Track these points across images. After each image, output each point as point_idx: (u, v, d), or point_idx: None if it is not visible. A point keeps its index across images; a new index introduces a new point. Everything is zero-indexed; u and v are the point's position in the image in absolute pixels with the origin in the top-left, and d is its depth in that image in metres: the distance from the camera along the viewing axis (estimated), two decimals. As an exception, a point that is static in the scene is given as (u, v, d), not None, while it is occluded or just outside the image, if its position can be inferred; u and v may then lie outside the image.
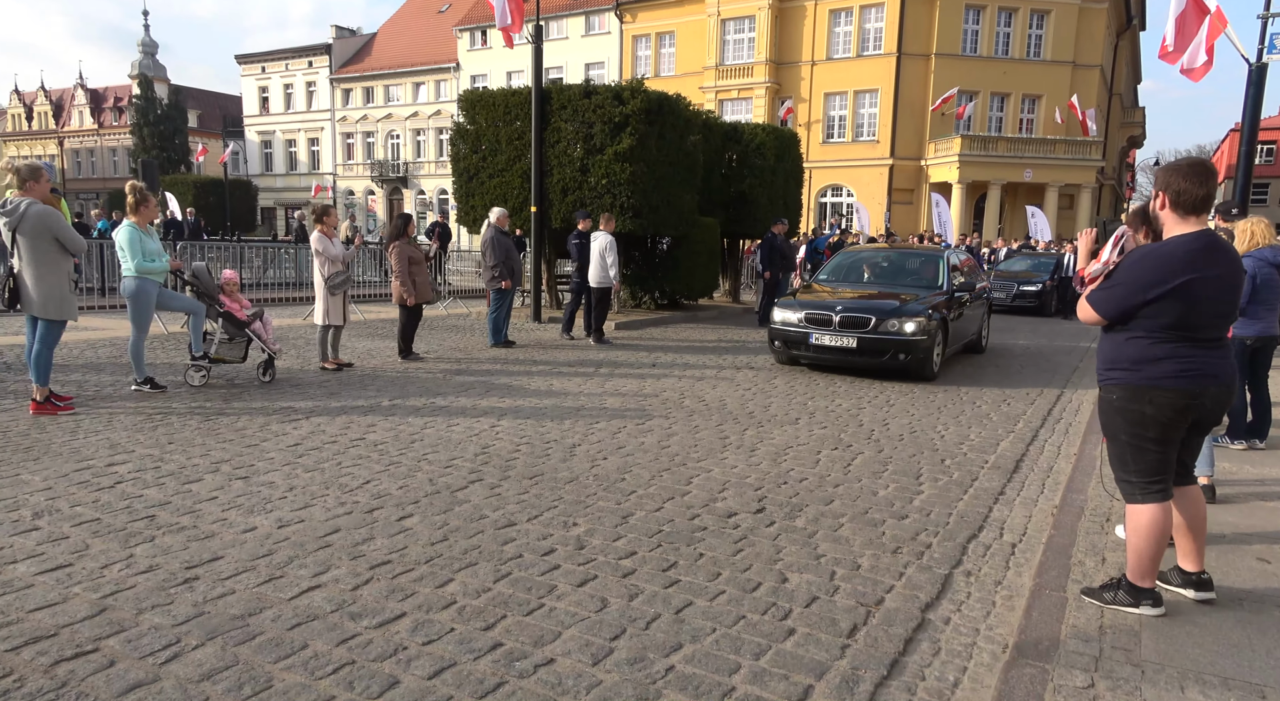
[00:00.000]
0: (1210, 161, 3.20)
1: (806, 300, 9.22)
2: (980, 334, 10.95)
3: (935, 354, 8.67)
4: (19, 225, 5.74)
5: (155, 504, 4.19)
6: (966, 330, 10.05)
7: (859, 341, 8.49)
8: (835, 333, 8.62)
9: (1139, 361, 3.15)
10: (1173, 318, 3.04)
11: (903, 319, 8.43)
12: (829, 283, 10.26)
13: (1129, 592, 3.20)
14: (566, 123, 13.18)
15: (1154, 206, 3.20)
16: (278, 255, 17.95)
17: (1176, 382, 3.07)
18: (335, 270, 8.37)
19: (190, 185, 37.74)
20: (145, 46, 55.07)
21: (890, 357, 8.43)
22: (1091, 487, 4.92)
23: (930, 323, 8.48)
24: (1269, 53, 8.92)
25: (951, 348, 9.44)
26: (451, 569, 3.55)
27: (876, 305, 8.71)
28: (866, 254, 11.21)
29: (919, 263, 10.40)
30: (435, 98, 47.48)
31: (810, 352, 8.85)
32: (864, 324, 8.52)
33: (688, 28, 38.08)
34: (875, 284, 10.03)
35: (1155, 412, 3.11)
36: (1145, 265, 3.11)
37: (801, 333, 8.83)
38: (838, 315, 8.64)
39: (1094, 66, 34.49)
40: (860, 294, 9.40)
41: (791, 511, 4.46)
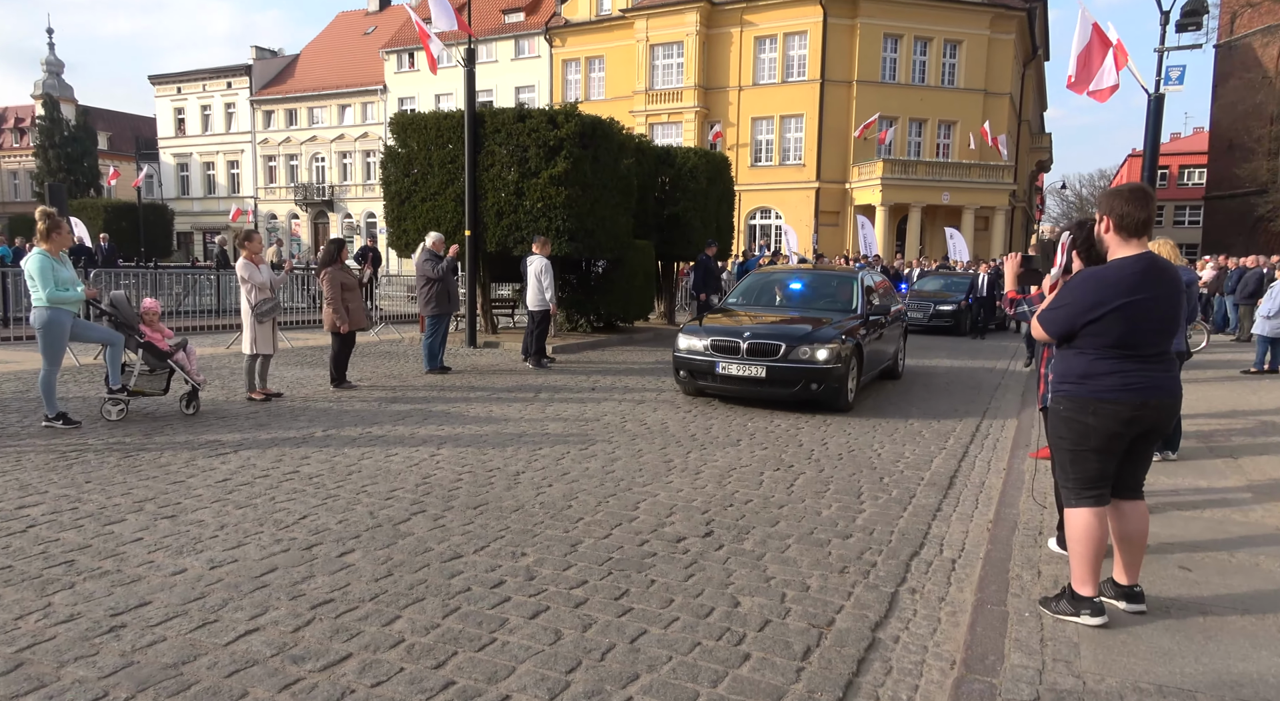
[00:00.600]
0: (1149, 187, 3.39)
1: (713, 326, 8.62)
2: (897, 358, 10.54)
3: (850, 383, 8.20)
4: None
5: (74, 547, 3.96)
6: (883, 355, 9.64)
7: (768, 370, 7.92)
8: (743, 361, 8.03)
9: (1084, 376, 3.32)
10: (1114, 336, 3.21)
11: (814, 345, 7.88)
12: (739, 306, 9.72)
13: (1070, 601, 3.32)
14: (500, 146, 13.13)
15: (1098, 230, 3.36)
16: (198, 282, 17.28)
17: (1119, 395, 3.23)
18: (262, 297, 8.11)
19: (101, 210, 36.02)
20: (50, 65, 52.77)
21: (802, 388, 7.87)
22: (1022, 502, 5.10)
23: (844, 349, 8.00)
24: (1166, 84, 9.55)
25: (867, 374, 8.98)
26: (398, 605, 3.44)
27: (787, 331, 8.22)
28: (779, 276, 10.65)
29: (833, 285, 9.94)
30: (362, 120, 46.76)
31: (717, 383, 8.27)
32: (773, 351, 7.95)
33: (617, 53, 38.53)
34: (788, 308, 9.56)
35: (1098, 423, 3.27)
36: (1087, 287, 3.28)
37: (708, 361, 8.23)
38: (745, 342, 8.08)
39: (1004, 94, 36.24)
40: (771, 319, 8.88)
41: (739, 534, 4.48)
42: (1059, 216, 73.25)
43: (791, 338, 8.03)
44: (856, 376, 8.43)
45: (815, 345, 7.91)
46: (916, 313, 17.53)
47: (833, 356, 7.88)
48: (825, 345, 7.91)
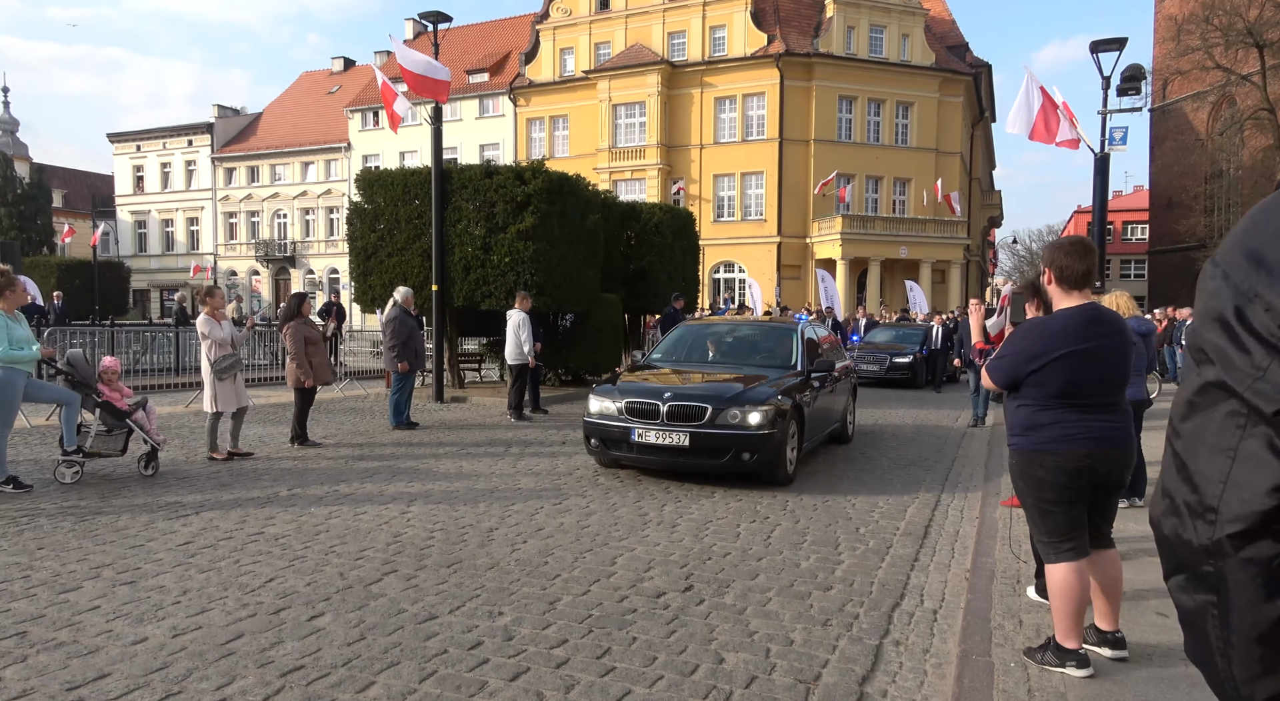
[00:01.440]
0: (1089, 240, 3.51)
1: (630, 385, 7.42)
2: (845, 419, 9.44)
3: (789, 451, 7.06)
4: None
5: (26, 618, 3.76)
6: (829, 418, 8.61)
7: (692, 438, 6.71)
8: (663, 428, 6.81)
9: (1028, 428, 3.37)
10: (1057, 386, 3.26)
11: (745, 407, 6.74)
12: (664, 362, 8.50)
13: (1055, 653, 3.32)
14: (467, 202, 13.23)
15: (1043, 281, 3.47)
16: (155, 339, 16.92)
17: (1060, 446, 3.26)
18: (223, 353, 7.96)
19: (55, 268, 35.34)
20: (4, 124, 52.39)
21: (732, 458, 6.69)
22: (998, 550, 5.12)
23: (781, 411, 6.87)
24: (1110, 145, 10.01)
25: (811, 441, 7.84)
26: (372, 670, 3.32)
27: (714, 390, 7.08)
28: (711, 328, 9.40)
29: (771, 338, 8.83)
30: (325, 176, 46.83)
31: (633, 453, 6.99)
32: (698, 415, 6.77)
33: (580, 111, 39.33)
34: (720, 364, 8.37)
35: (1047, 476, 3.29)
36: (1030, 337, 3.35)
37: (622, 427, 6.98)
38: (665, 404, 6.87)
39: (954, 153, 37.64)
40: (699, 377, 7.78)
41: (719, 588, 4.43)
42: (1011, 270, 75.48)
43: (719, 399, 6.86)
44: (797, 443, 7.29)
45: (747, 407, 6.75)
46: (872, 365, 17.34)
47: (767, 420, 6.71)
48: (759, 407, 6.75)
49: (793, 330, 8.74)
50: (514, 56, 42.57)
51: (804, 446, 7.56)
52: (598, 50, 39.11)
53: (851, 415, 9.82)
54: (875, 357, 17.70)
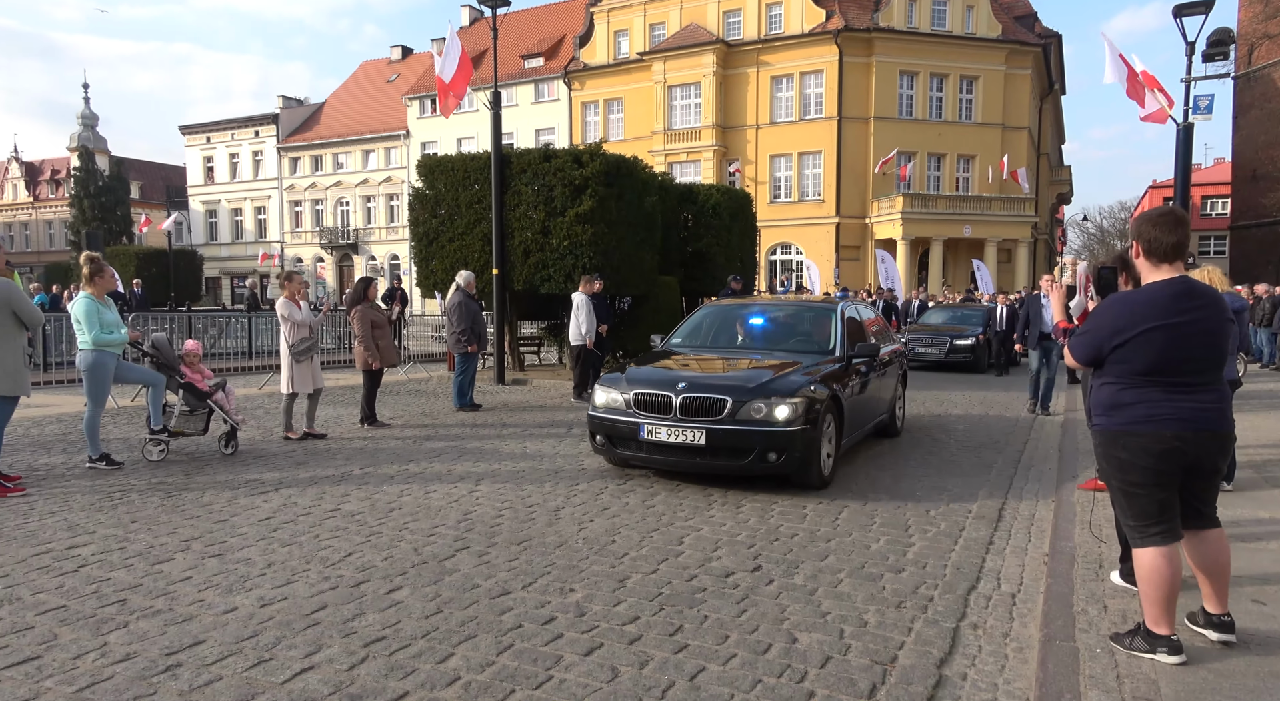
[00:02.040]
0: (1180, 210, 3.35)
1: (640, 373, 6.56)
2: (894, 411, 8.50)
3: (824, 449, 6.16)
4: None
5: (125, 587, 3.95)
6: (873, 409, 7.65)
7: (709, 435, 5.85)
8: (675, 424, 5.96)
9: (1111, 407, 3.24)
10: (1144, 363, 3.12)
11: (772, 400, 5.86)
12: (685, 348, 7.60)
13: (1145, 639, 3.20)
14: (526, 186, 13.31)
15: (1131, 255, 3.32)
16: (231, 324, 17.53)
17: (1145, 427, 3.12)
18: (301, 335, 8.20)
19: (133, 256, 36.87)
20: (85, 119, 54.45)
21: (756, 459, 5.82)
22: (1078, 535, 4.97)
23: (813, 404, 5.96)
24: (1195, 113, 9.54)
25: (852, 436, 6.94)
26: (450, 642, 3.39)
27: (736, 380, 6.18)
28: (739, 309, 8.29)
29: (806, 320, 7.85)
30: (385, 164, 47.70)
31: (642, 452, 6.17)
32: (716, 409, 5.89)
33: (635, 94, 39.18)
34: (747, 349, 7.48)
35: (1131, 458, 3.17)
36: (1113, 311, 3.21)
37: (630, 423, 6.15)
38: (679, 397, 6.01)
39: (1022, 128, 36.38)
40: (720, 365, 6.90)
41: (789, 568, 4.40)
42: (1080, 248, 72.92)
43: (741, 390, 5.98)
44: (835, 440, 6.41)
45: (774, 399, 5.87)
46: (931, 348, 16.69)
47: (798, 414, 5.83)
48: (788, 399, 5.87)
49: (831, 310, 7.66)
50: (568, 40, 42.58)
51: (844, 443, 6.66)
52: (652, 31, 38.84)
53: (901, 405, 8.87)
54: (935, 340, 16.94)
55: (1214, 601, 3.30)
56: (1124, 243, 71.69)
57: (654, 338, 8.02)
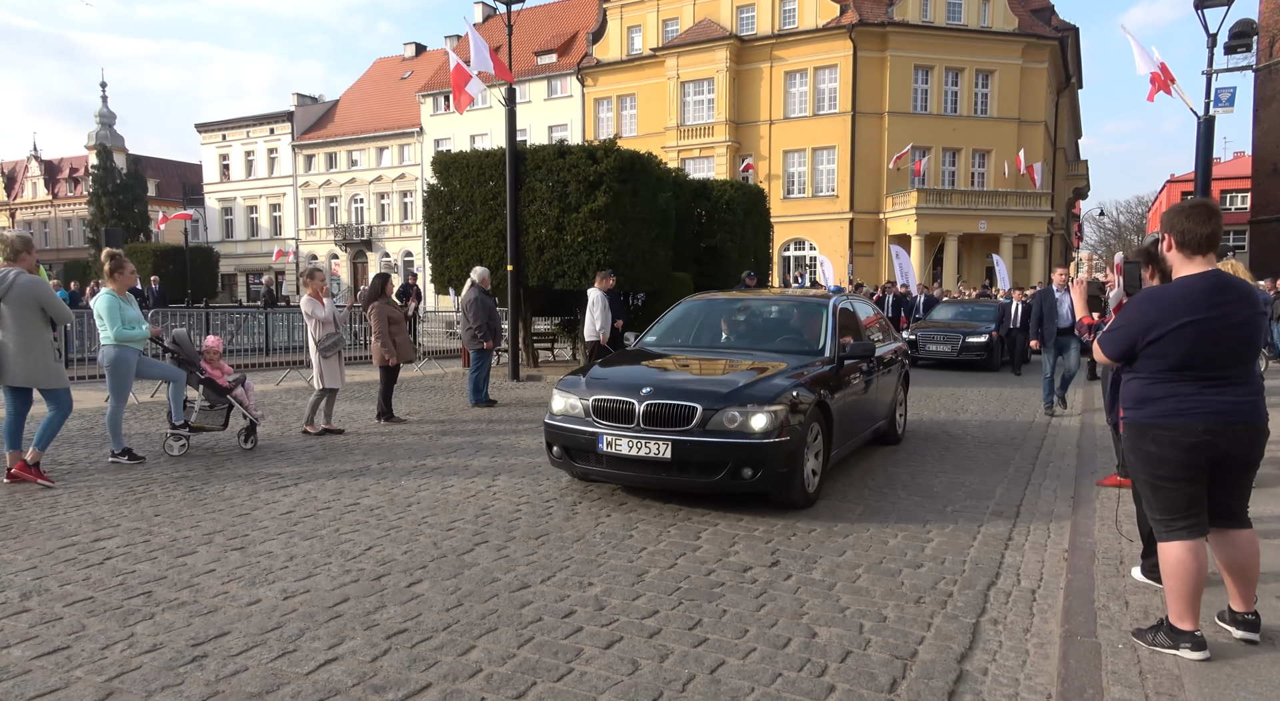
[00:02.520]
0: (1213, 202, 3.32)
1: (603, 376, 5.90)
2: (894, 416, 7.81)
3: (808, 464, 5.47)
4: (6, 294, 5.64)
5: (150, 579, 4.00)
6: (869, 416, 6.98)
7: (675, 448, 5.14)
8: (638, 434, 5.25)
9: (1141, 400, 3.23)
10: (1176, 358, 3.10)
11: (748, 407, 5.18)
12: (660, 346, 6.90)
13: (1168, 634, 3.18)
14: (541, 182, 13.35)
15: (1161, 248, 3.29)
16: (247, 321, 17.68)
17: (1176, 420, 3.11)
18: (326, 331, 8.26)
19: (150, 254, 37.21)
20: (103, 117, 54.96)
21: (729, 475, 5.11)
22: (1098, 530, 4.95)
23: (796, 412, 5.29)
24: (1216, 106, 9.43)
25: (843, 447, 6.30)
26: (471, 635, 3.42)
27: (708, 385, 5.52)
28: (721, 304, 7.54)
29: (794, 316, 7.21)
30: (399, 161, 47.88)
31: (601, 466, 5.45)
32: (684, 417, 5.21)
33: (648, 90, 39.13)
34: (727, 348, 6.78)
35: (1160, 451, 3.15)
36: (1146, 307, 3.19)
37: (588, 434, 5.43)
38: (643, 403, 5.30)
39: (1038, 122, 36.09)
40: (695, 366, 6.25)
41: (806, 564, 4.40)
42: (1097, 243, 72.32)
43: (713, 396, 5.30)
44: (823, 452, 5.76)
45: (750, 406, 5.19)
46: (943, 346, 16.15)
47: (777, 424, 5.15)
48: (766, 406, 5.19)
49: (823, 306, 6.94)
50: (581, 36, 42.57)
51: (833, 455, 6.01)
52: (665, 27, 38.77)
53: (902, 410, 8.18)
54: (947, 337, 16.36)
55: (1239, 599, 3.28)
56: (1140, 238, 70.59)
57: (628, 336, 7.61)
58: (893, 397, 7.77)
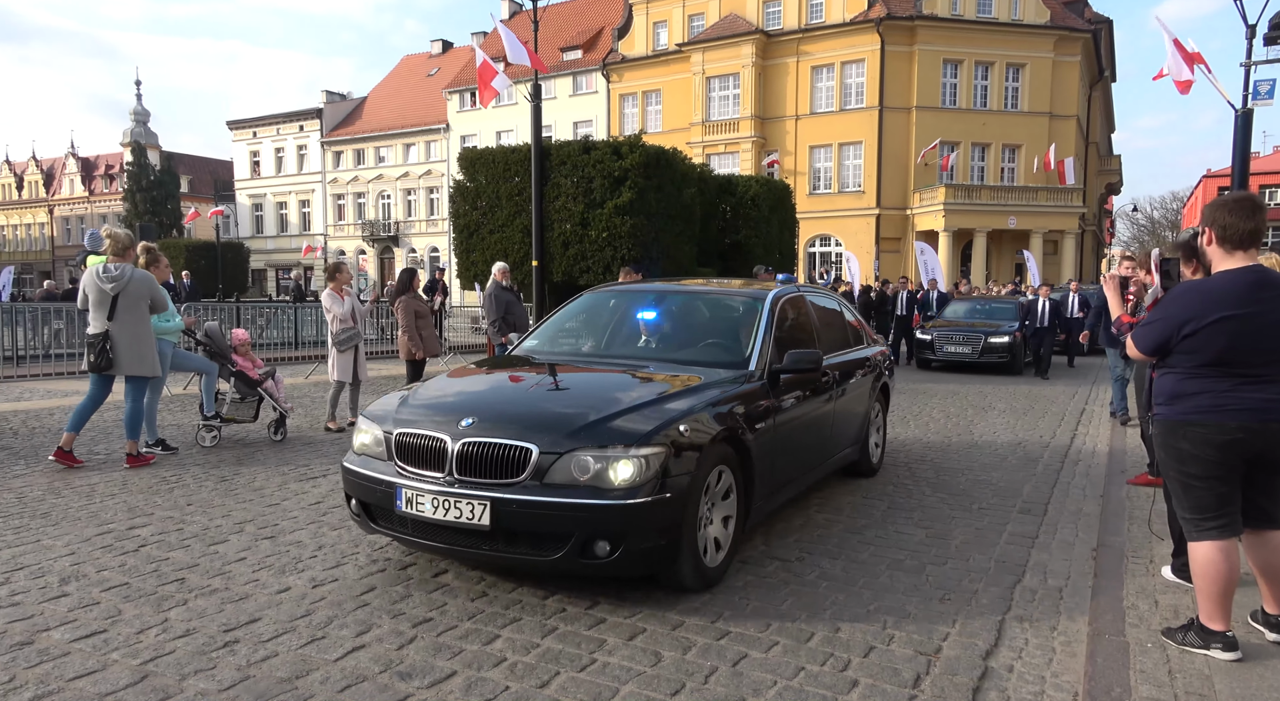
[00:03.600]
0: (1257, 196, 3.26)
1: (423, 397, 4.24)
2: (865, 442, 6.09)
3: (707, 532, 3.87)
4: (125, 288, 6.00)
5: (183, 566, 4.09)
6: (824, 445, 5.31)
7: (496, 511, 3.52)
8: (446, 490, 3.62)
9: (1174, 396, 3.18)
10: (1211, 354, 3.04)
11: (608, 451, 3.56)
12: (541, 352, 5.22)
13: (1199, 634, 3.15)
14: (566, 178, 13.40)
15: (1201, 242, 3.22)
16: (277, 315, 17.93)
17: (1210, 417, 3.05)
18: (343, 326, 8.35)
19: (182, 249, 37.86)
20: (138, 115, 55.91)
21: (573, 551, 3.50)
22: (1128, 529, 4.89)
23: (685, 455, 3.68)
24: (1254, 99, 9.24)
25: (778, 494, 4.64)
26: (496, 625, 3.46)
27: (553, 414, 3.85)
28: (629, 297, 5.72)
29: (719, 315, 5.46)
30: (426, 158, 48.22)
31: (404, 530, 3.82)
32: (515, 463, 3.59)
33: (673, 86, 39.06)
34: (623, 357, 4.98)
35: (1192, 448, 3.11)
36: (1183, 301, 3.14)
37: (384, 485, 3.81)
38: (457, 441, 3.68)
39: (1070, 116, 35.53)
40: (556, 383, 4.48)
41: (830, 559, 4.39)
42: (1129, 240, 71.07)
43: (556, 430, 3.65)
44: (738, 511, 4.07)
45: (609, 448, 3.55)
46: (962, 347, 15.06)
47: (649, 475, 3.53)
48: (634, 448, 3.55)
49: (757, 303, 5.11)
50: (607, 32, 42.58)
51: (754, 511, 4.27)
52: (691, 22, 38.67)
53: (879, 431, 6.52)
54: (967, 337, 15.21)
55: (1273, 602, 3.23)
56: (1175, 234, 69.25)
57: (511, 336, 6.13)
58: (863, 418, 6.04)
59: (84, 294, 6.08)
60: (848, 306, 6.76)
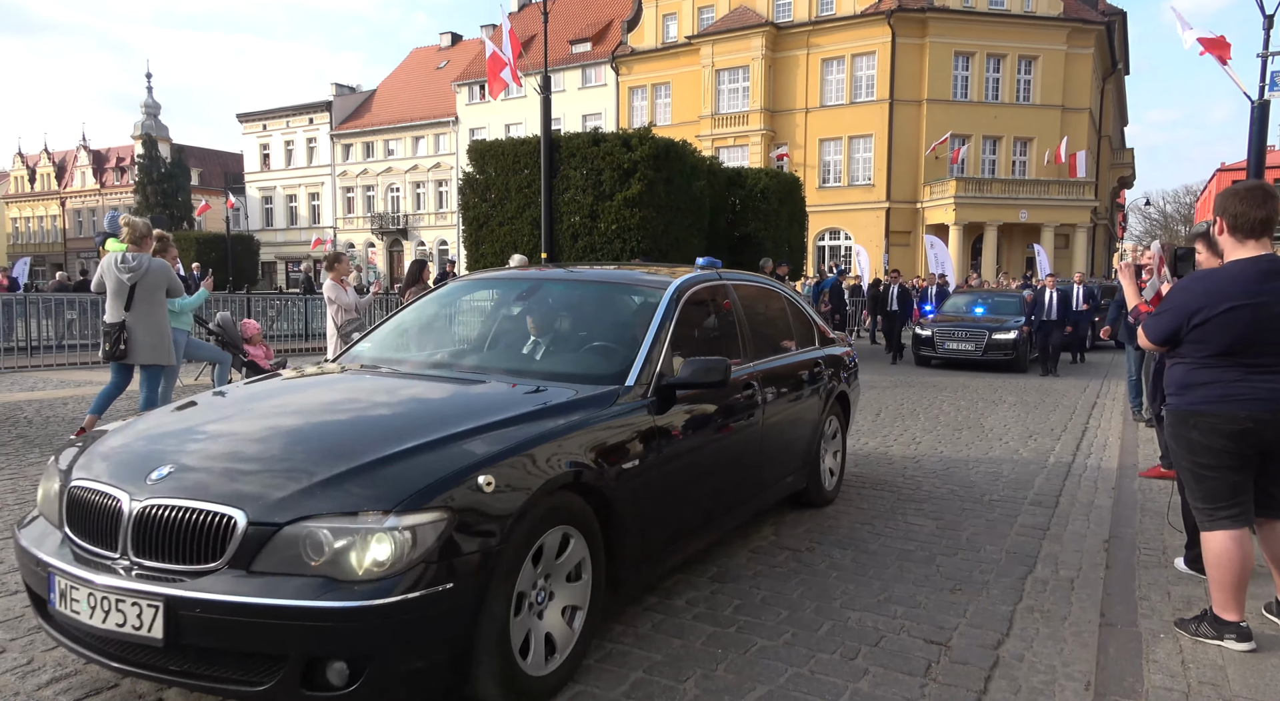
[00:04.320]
0: (1269, 184, 3.23)
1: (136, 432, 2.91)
2: (815, 465, 4.99)
3: (529, 635, 2.64)
4: (143, 278, 6.03)
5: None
6: (751, 476, 4.23)
7: (170, 619, 2.22)
8: (110, 581, 2.33)
9: (1183, 386, 3.17)
10: (1221, 343, 3.03)
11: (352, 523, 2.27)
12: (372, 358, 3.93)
13: (1212, 624, 3.13)
14: (575, 170, 13.36)
15: (1213, 231, 3.21)
16: (287, 307, 18.03)
17: (1219, 407, 3.04)
18: (348, 317, 8.37)
19: (193, 241, 38.04)
20: (148, 107, 56.08)
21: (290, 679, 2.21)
22: (1139, 521, 4.87)
23: (481, 521, 2.42)
24: (1271, 90, 9.14)
25: (671, 555, 3.55)
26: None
27: (283, 463, 2.53)
28: (498, 287, 4.67)
29: (605, 311, 4.20)
30: (434, 151, 48.26)
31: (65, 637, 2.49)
32: (207, 544, 2.30)
33: (683, 78, 38.94)
34: (470, 368, 3.70)
35: (1202, 438, 3.09)
36: (1193, 290, 3.13)
37: (39, 570, 2.52)
38: (137, 505, 2.39)
39: (1083, 110, 35.27)
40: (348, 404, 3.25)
41: (840, 549, 4.39)
42: (1142, 234, 70.58)
43: (288, 484, 2.40)
44: (596, 588, 2.94)
45: (358, 518, 2.28)
46: (965, 344, 14.15)
47: (416, 557, 2.27)
48: (398, 516, 2.29)
49: (654, 296, 3.86)
50: (616, 25, 42.47)
51: (627, 583, 3.18)
52: (700, 15, 38.54)
53: (836, 454, 5.40)
54: (970, 334, 14.19)
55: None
56: (1188, 228, 68.67)
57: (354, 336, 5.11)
58: (811, 437, 4.91)
59: (100, 280, 6.12)
60: (796, 297, 5.57)
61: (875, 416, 9.02)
